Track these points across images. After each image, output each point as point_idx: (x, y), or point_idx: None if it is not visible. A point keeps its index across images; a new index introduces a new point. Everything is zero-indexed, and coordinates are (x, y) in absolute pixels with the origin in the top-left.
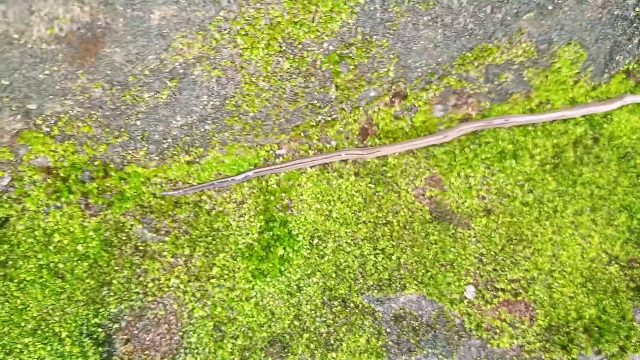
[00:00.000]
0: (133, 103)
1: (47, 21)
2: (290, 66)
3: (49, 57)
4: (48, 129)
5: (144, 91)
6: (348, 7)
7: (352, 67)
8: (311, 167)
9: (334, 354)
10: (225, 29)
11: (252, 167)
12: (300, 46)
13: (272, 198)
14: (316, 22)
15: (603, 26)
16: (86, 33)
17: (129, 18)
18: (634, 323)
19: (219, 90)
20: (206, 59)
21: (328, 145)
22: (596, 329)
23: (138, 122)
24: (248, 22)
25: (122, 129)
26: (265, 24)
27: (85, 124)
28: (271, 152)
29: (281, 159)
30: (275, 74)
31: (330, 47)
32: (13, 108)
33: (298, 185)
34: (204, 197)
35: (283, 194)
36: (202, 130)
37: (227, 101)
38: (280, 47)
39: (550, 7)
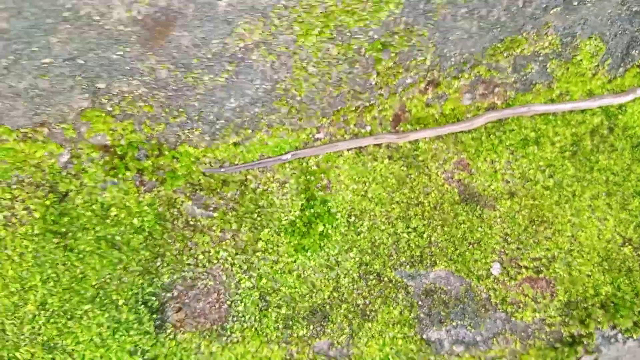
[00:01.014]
0: (193, 85)
1: (127, 4)
2: (339, 52)
3: (123, 38)
4: (110, 108)
5: (204, 74)
6: None
7: (393, 54)
8: (347, 150)
9: (369, 324)
10: (284, 16)
11: (290, 150)
12: (349, 34)
13: (312, 178)
14: (366, 11)
15: (622, 22)
16: (160, 17)
17: (200, 4)
18: None
19: (271, 75)
20: (264, 45)
21: (362, 130)
22: (612, 305)
23: (196, 103)
24: (305, 10)
25: (181, 109)
26: (321, 12)
27: (147, 104)
28: (310, 135)
29: (319, 142)
30: (324, 60)
31: (375, 36)
32: (84, 86)
33: (336, 167)
34: (249, 177)
35: (322, 175)
36: (252, 112)
37: (278, 85)
38: (332, 34)
39: (575, 3)
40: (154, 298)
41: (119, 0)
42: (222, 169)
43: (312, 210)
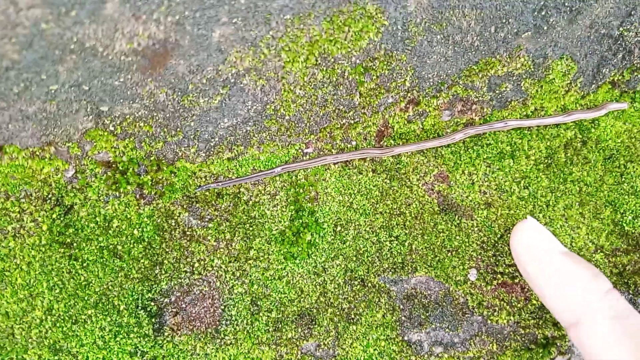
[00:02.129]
0: (189, 107)
1: (128, 37)
2: (323, 77)
3: (125, 67)
4: (113, 128)
5: (200, 97)
6: (375, 28)
7: (374, 77)
8: (334, 164)
9: (354, 327)
10: (272, 46)
11: (281, 164)
12: (332, 60)
13: (301, 191)
14: (348, 40)
15: (591, 43)
16: (159, 48)
17: (195, 36)
18: None
19: (262, 97)
20: (254, 70)
21: (349, 145)
22: None
23: (192, 123)
24: (292, 40)
25: (178, 129)
26: (306, 41)
27: (146, 124)
28: (300, 150)
29: (308, 156)
30: (310, 83)
31: (357, 61)
32: (87, 110)
33: (323, 179)
34: (242, 189)
35: (311, 187)
36: (244, 131)
37: (268, 106)
38: (317, 60)
39: (545, 27)
40: (152, 303)
41: (121, 34)
42: (212, 185)
43: (300, 221)
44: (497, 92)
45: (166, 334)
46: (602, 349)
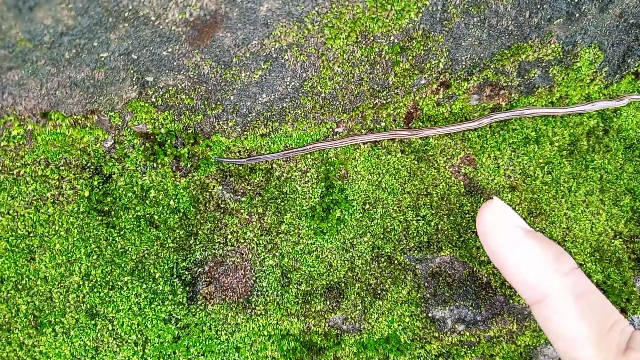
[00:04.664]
0: (231, 80)
1: (181, 7)
2: (362, 55)
3: (174, 37)
4: (154, 100)
5: (242, 71)
6: (416, 7)
7: (410, 57)
8: (364, 143)
9: (380, 302)
10: (316, 21)
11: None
12: (372, 38)
13: (331, 168)
14: (389, 18)
15: (619, 32)
16: (209, 19)
17: (243, 8)
18: (634, 289)
19: (300, 73)
20: (296, 46)
21: (378, 126)
22: (602, 292)
23: (232, 97)
24: (335, 17)
25: (219, 103)
26: (349, 19)
27: (188, 97)
28: (330, 129)
29: (338, 135)
30: (348, 61)
31: (395, 40)
32: (133, 79)
33: (353, 159)
34: (274, 165)
35: (341, 166)
36: (281, 107)
37: (305, 82)
38: (357, 38)
39: (577, 15)
40: (187, 272)
41: (174, 3)
42: (230, 160)
43: (330, 197)
44: (525, 77)
45: (199, 302)
46: (563, 326)
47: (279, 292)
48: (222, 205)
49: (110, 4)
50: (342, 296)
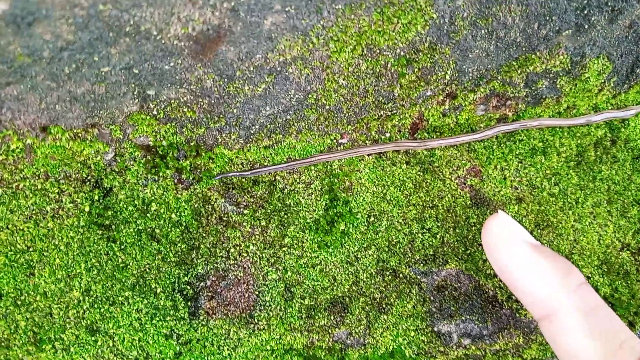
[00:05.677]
0: (234, 94)
1: (183, 22)
2: (367, 67)
3: (177, 51)
4: (156, 112)
5: (245, 84)
6: (423, 20)
7: (416, 69)
8: (368, 155)
9: (385, 316)
10: (321, 35)
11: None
12: (378, 51)
13: (335, 180)
14: (396, 31)
15: (628, 43)
16: (212, 33)
17: (247, 22)
18: None
19: (305, 86)
20: (300, 59)
21: (383, 137)
22: (610, 305)
23: (235, 110)
24: (341, 30)
25: (221, 116)
26: (355, 32)
27: (190, 110)
28: (334, 141)
29: (342, 147)
30: (353, 74)
31: (402, 53)
32: (134, 93)
33: (357, 170)
34: (278, 177)
35: (345, 177)
36: (284, 119)
37: (310, 95)
38: (363, 51)
39: (586, 26)
40: (188, 287)
41: (177, 18)
42: (234, 173)
43: (335, 210)
44: (533, 88)
45: (201, 317)
46: (572, 343)
47: (282, 307)
48: (224, 218)
49: (111, 19)
50: (346, 310)
